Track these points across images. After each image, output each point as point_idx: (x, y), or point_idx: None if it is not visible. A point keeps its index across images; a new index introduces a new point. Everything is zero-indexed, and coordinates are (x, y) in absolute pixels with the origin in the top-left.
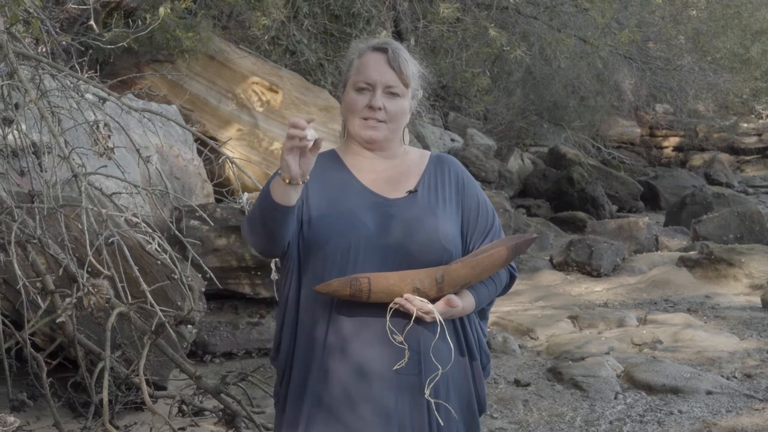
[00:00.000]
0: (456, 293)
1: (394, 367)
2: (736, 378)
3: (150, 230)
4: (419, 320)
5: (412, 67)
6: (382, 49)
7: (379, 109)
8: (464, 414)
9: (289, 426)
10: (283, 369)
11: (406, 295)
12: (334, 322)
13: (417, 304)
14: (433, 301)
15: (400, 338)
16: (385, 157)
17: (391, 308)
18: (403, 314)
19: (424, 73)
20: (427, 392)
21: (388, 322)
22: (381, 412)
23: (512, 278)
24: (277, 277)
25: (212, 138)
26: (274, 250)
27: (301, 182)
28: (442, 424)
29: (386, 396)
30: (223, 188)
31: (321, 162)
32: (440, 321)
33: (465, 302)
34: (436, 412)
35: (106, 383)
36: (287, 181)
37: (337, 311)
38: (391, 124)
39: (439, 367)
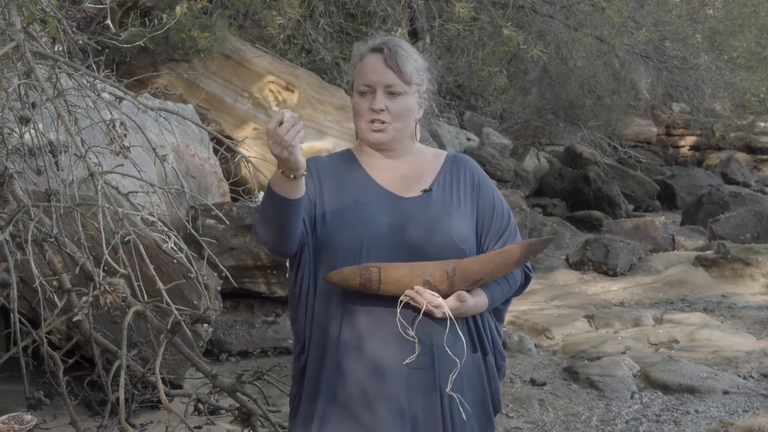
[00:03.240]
0: (468, 291)
1: (405, 362)
2: (752, 378)
3: (166, 229)
4: (431, 315)
5: (414, 62)
6: (378, 49)
7: (381, 110)
8: (478, 412)
9: (303, 422)
10: (300, 366)
11: (416, 288)
12: (348, 318)
13: (427, 297)
14: (444, 296)
15: (411, 332)
16: (397, 156)
17: (401, 301)
18: (414, 308)
19: (429, 67)
20: (448, 388)
21: (398, 314)
22: (394, 409)
23: (527, 278)
24: None
25: (228, 137)
26: (287, 248)
27: (300, 175)
28: (453, 418)
29: (399, 393)
30: (239, 187)
31: (337, 162)
32: (450, 316)
33: (477, 299)
34: (449, 408)
35: (122, 382)
36: (290, 176)
37: (351, 308)
38: (396, 123)
39: (457, 360)
